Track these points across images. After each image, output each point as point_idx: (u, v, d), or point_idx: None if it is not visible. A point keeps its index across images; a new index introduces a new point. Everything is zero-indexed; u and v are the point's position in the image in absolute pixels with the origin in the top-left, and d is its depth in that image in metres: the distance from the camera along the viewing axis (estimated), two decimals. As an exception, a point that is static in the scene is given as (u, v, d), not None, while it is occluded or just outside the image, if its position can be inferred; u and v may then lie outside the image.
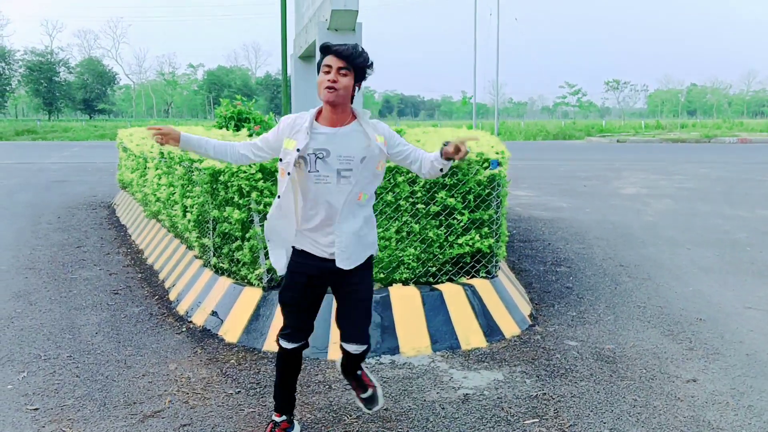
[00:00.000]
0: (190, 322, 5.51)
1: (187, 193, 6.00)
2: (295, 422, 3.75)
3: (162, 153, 7.13)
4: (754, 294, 6.53)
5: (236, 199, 5.06)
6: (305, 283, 3.39)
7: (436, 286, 5.23)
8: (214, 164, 5.21)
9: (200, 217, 5.79)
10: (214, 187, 5.37)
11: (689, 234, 9.58)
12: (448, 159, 3.28)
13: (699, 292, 6.56)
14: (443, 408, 4.01)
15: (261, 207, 4.96)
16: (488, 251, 5.49)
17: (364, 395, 3.68)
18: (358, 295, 3.42)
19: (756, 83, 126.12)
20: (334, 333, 4.78)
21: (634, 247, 8.66)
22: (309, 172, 3.23)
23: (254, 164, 4.93)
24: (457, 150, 3.19)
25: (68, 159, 25.28)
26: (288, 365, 3.59)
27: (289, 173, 3.23)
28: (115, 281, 6.94)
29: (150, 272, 7.25)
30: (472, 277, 5.50)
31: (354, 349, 3.48)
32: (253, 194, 4.94)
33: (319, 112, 3.31)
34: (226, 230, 5.32)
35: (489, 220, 5.51)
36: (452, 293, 5.16)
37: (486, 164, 5.44)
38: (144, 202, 9.05)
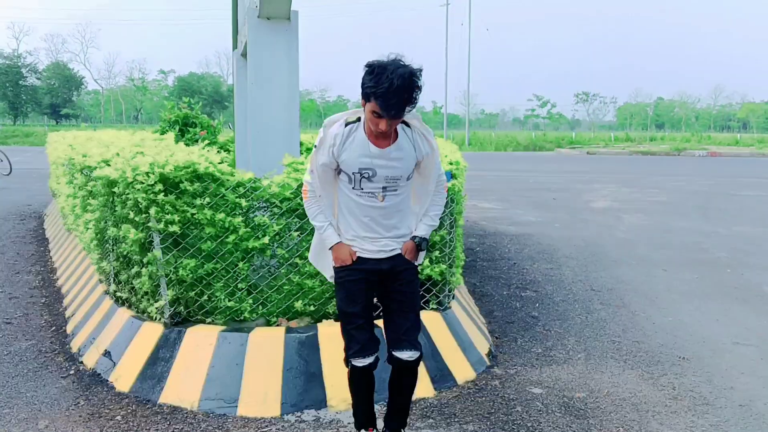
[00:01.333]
0: (81, 362, 4.58)
1: (87, 206, 5.08)
2: None
3: (69, 158, 6.19)
4: (741, 325, 5.78)
5: (132, 215, 4.16)
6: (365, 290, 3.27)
7: (377, 321, 4.37)
8: (109, 172, 4.31)
9: (99, 235, 4.88)
10: (111, 200, 4.47)
11: (665, 252, 8.86)
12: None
13: (680, 323, 5.79)
14: (371, 487, 3.15)
15: (161, 226, 4.06)
16: (440, 279, 4.66)
17: None
18: (408, 287, 3.30)
19: (723, 98, 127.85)
20: (248, 382, 3.90)
21: (606, 268, 7.90)
22: (353, 188, 3.15)
23: (152, 173, 4.03)
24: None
25: (17, 165, 23.97)
26: (365, 383, 3.40)
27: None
28: (13, 307, 5.97)
29: (56, 296, 6.29)
30: (421, 309, 4.65)
31: (408, 356, 3.27)
32: (152, 210, 4.04)
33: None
34: (125, 252, 4.42)
35: (441, 243, 4.68)
36: (394, 330, 4.31)
37: (437, 176, 4.61)
38: (63, 213, 8.09)
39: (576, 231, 10.56)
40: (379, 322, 3.45)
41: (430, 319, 4.56)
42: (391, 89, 2.83)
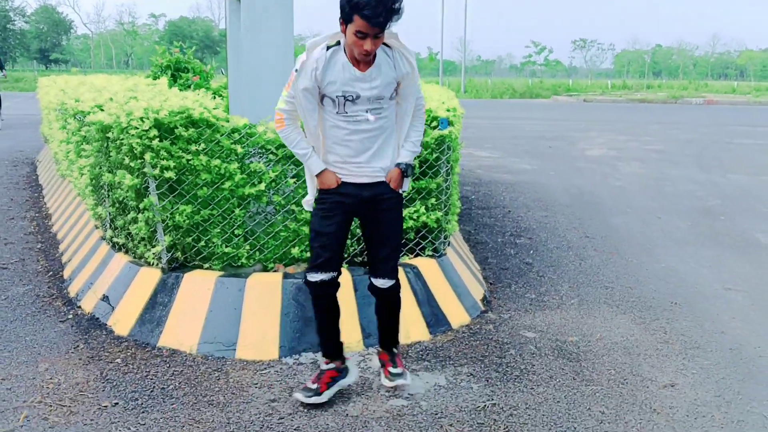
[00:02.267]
0: (79, 307, 4.62)
1: (81, 152, 5.05)
2: (351, 367, 3.55)
3: (61, 103, 6.11)
4: (733, 271, 5.85)
5: (127, 161, 4.13)
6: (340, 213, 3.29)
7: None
8: (102, 117, 4.26)
9: (94, 181, 4.85)
10: (105, 145, 4.43)
11: (660, 201, 8.89)
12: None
13: (673, 270, 5.85)
14: (367, 426, 3.22)
15: (157, 171, 4.04)
16: (435, 226, 4.68)
17: (393, 370, 3.47)
18: (388, 215, 3.34)
19: (721, 45, 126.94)
20: (246, 327, 3.94)
21: (601, 216, 7.94)
22: (337, 113, 3.16)
23: (147, 118, 3.99)
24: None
25: (7, 110, 23.67)
26: (323, 307, 3.40)
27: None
28: (9, 253, 5.98)
29: (52, 242, 6.30)
30: (417, 255, 4.69)
31: (381, 283, 3.37)
32: (147, 156, 4.01)
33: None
34: (121, 198, 4.41)
35: (437, 190, 4.68)
36: (390, 276, 4.34)
37: (434, 123, 4.58)
38: (56, 159, 8.03)
39: (571, 179, 10.56)
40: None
41: (425, 265, 4.60)
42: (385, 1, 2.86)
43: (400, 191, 3.38)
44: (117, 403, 3.39)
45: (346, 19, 2.96)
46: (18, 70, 78.03)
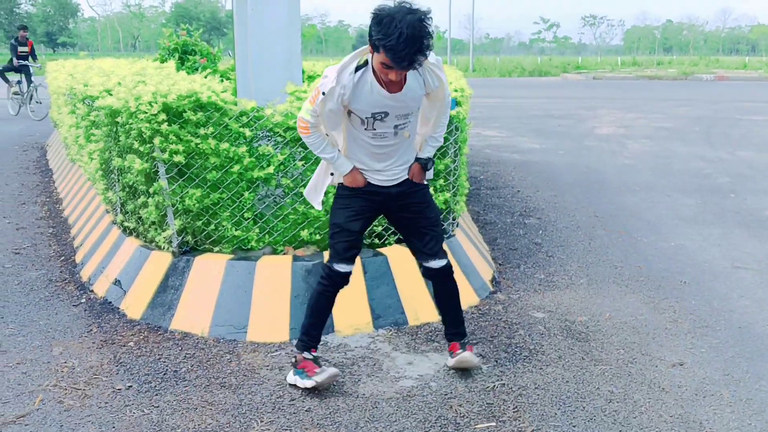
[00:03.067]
0: (91, 291, 4.67)
1: (91, 137, 5.07)
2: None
3: (70, 88, 6.13)
4: (742, 250, 5.84)
5: (137, 145, 4.15)
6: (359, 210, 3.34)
7: (381, 249, 4.43)
8: (111, 102, 4.28)
9: (104, 166, 4.88)
10: (114, 130, 4.45)
11: (668, 179, 8.86)
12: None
13: (681, 248, 5.85)
14: (377, 407, 3.26)
15: (166, 156, 4.06)
16: (444, 207, 4.69)
17: (458, 352, 3.54)
18: (422, 205, 3.41)
19: (731, 20, 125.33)
20: (257, 309, 3.98)
21: (609, 195, 7.92)
22: (365, 129, 3.17)
23: (155, 103, 4.01)
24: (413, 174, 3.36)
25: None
26: (331, 295, 3.46)
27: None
28: (21, 238, 6.04)
29: (63, 227, 6.35)
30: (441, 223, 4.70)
31: (435, 264, 3.43)
32: (157, 140, 4.03)
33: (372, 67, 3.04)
34: (131, 182, 4.44)
35: (445, 171, 4.68)
36: (400, 258, 4.37)
37: (442, 104, 4.57)
38: (66, 144, 8.07)
39: (580, 158, 10.53)
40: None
41: (434, 246, 4.60)
42: (401, 40, 2.75)
43: (425, 182, 3.42)
44: (131, 386, 3.44)
45: (374, 47, 2.90)
46: (25, 54, 78.08)
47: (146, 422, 3.11)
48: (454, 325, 3.63)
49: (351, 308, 4.07)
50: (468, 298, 4.51)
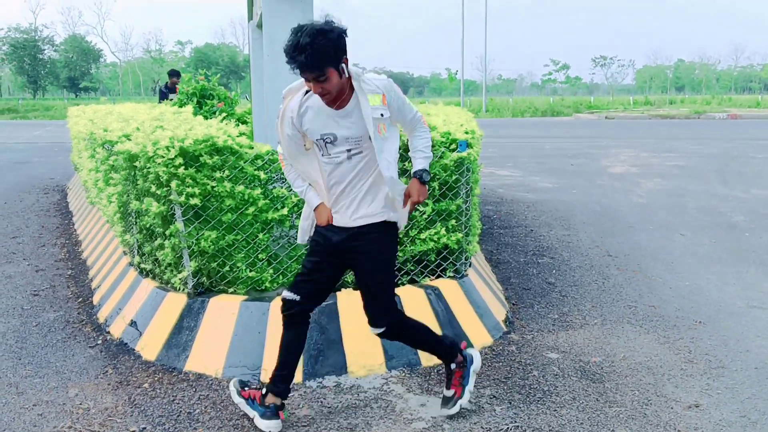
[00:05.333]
0: (108, 332, 4.71)
1: (110, 180, 5.18)
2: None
3: (90, 133, 6.28)
4: (757, 288, 5.80)
5: (154, 189, 4.24)
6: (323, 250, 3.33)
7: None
8: (130, 147, 4.38)
9: (122, 208, 4.97)
10: (132, 174, 4.55)
11: (683, 217, 8.85)
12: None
13: (696, 288, 5.82)
14: (391, 449, 3.26)
15: (182, 199, 4.14)
16: (456, 247, 4.72)
17: (446, 392, 3.58)
18: (363, 265, 3.32)
19: (743, 58, 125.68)
20: (270, 350, 4.00)
21: (623, 233, 7.91)
22: (323, 155, 3.20)
23: (173, 147, 4.10)
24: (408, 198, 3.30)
25: (38, 139, 24.24)
26: (288, 331, 3.40)
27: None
28: (40, 279, 6.12)
29: (82, 268, 6.44)
30: (438, 277, 4.73)
31: (373, 331, 3.43)
32: (173, 183, 4.12)
33: None
34: (148, 225, 4.52)
35: (457, 211, 4.73)
36: (412, 298, 4.39)
37: (453, 146, 4.64)
38: (86, 187, 8.21)
39: (593, 196, 10.55)
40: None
41: (447, 287, 4.63)
42: (297, 47, 2.91)
43: (417, 208, 3.41)
44: (144, 428, 3.46)
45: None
46: (48, 99, 79.86)
47: (160, 464, 3.13)
48: (436, 355, 3.64)
49: (364, 349, 4.08)
50: (481, 338, 4.51)
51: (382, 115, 3.13)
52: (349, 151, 3.15)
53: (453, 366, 3.59)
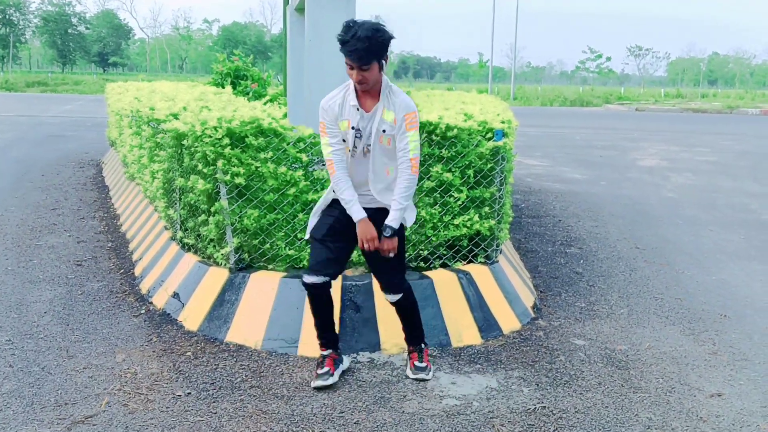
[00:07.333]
0: (151, 303, 4.92)
1: (155, 157, 5.37)
2: (344, 357, 3.92)
3: (135, 110, 6.48)
4: (785, 286, 5.86)
5: (200, 167, 4.42)
6: (333, 223, 3.66)
7: (427, 272, 4.60)
8: (178, 126, 4.56)
9: (166, 185, 5.16)
10: (179, 152, 4.73)
11: (712, 213, 8.87)
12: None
13: (723, 283, 5.89)
14: (423, 423, 3.41)
15: (228, 177, 4.31)
16: (488, 234, 4.85)
17: (417, 363, 3.88)
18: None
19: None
20: (308, 325, 4.17)
21: (652, 227, 7.97)
22: (349, 151, 3.59)
23: (220, 128, 4.27)
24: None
25: (70, 113, 24.68)
26: (318, 304, 3.73)
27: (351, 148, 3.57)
28: (82, 250, 6.36)
29: (121, 241, 6.67)
30: (469, 262, 4.87)
31: (390, 298, 3.82)
32: (220, 162, 4.29)
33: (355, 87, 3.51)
34: (192, 201, 4.70)
35: (490, 199, 4.85)
36: (445, 281, 4.54)
37: (489, 135, 4.76)
38: (124, 162, 8.44)
39: (622, 189, 10.58)
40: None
41: (478, 272, 4.76)
42: (353, 37, 3.26)
43: (389, 254, 3.64)
44: (190, 393, 3.65)
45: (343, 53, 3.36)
46: (77, 73, 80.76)
47: (205, 427, 3.32)
48: (409, 334, 3.97)
49: (396, 328, 4.23)
50: (510, 323, 4.64)
51: (384, 131, 3.50)
52: (365, 147, 3.55)
53: (424, 345, 3.99)
